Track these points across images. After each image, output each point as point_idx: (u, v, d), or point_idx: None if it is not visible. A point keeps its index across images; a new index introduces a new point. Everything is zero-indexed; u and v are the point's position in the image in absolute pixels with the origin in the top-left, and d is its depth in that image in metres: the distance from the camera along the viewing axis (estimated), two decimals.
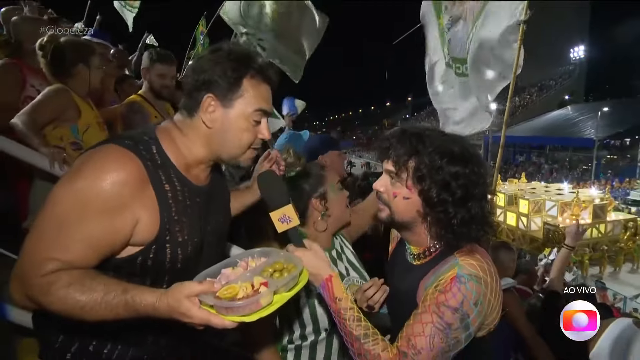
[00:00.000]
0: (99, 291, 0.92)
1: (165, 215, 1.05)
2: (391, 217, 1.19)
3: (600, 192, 20.20)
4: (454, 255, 1.12)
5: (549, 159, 41.59)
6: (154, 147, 1.08)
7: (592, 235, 16.27)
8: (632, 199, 24.66)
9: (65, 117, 2.21)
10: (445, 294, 1.05)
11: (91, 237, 0.96)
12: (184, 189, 1.10)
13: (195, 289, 0.89)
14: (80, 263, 0.96)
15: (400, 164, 1.13)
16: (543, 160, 41.66)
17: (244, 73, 1.09)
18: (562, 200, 17.00)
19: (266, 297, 0.93)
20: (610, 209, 17.74)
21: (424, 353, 1.02)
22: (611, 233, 16.75)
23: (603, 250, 15.91)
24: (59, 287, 0.92)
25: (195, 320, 0.89)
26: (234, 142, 1.12)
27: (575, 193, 18.02)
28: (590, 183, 26.89)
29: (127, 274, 1.05)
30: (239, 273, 1.00)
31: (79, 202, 0.95)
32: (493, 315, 1.11)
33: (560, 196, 18.21)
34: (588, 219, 16.35)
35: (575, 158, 39.14)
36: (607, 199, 18.27)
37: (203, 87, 1.08)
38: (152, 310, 0.91)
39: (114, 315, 0.92)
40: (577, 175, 34.21)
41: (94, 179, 0.96)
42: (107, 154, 1.01)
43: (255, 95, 1.11)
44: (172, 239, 1.07)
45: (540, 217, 16.71)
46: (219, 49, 1.11)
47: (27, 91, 2.56)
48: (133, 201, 0.99)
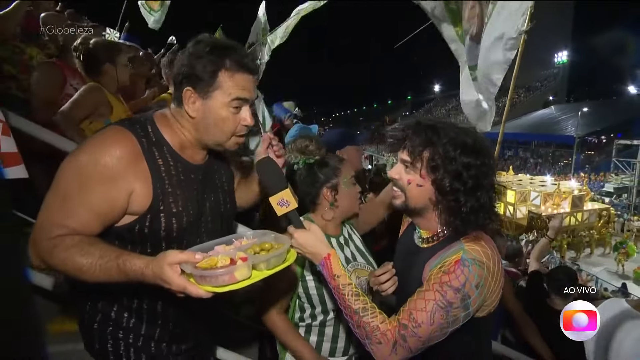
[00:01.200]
0: (95, 255, 0.92)
1: (158, 187, 1.04)
2: (405, 203, 1.14)
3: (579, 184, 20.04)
4: (459, 241, 1.08)
5: (534, 154, 41.08)
6: (149, 126, 1.07)
7: (571, 223, 16.21)
8: (606, 190, 24.46)
9: (100, 113, 2.21)
10: (449, 275, 1.02)
11: (90, 204, 0.97)
12: (177, 165, 1.09)
13: (177, 257, 0.86)
14: (83, 229, 0.97)
15: (416, 154, 1.08)
16: (529, 155, 41.18)
17: (220, 66, 1.04)
18: (545, 191, 16.95)
19: (241, 270, 0.88)
20: (587, 199, 17.64)
21: (424, 327, 0.99)
22: (587, 221, 16.70)
23: (580, 236, 15.84)
24: (61, 250, 0.93)
25: (173, 286, 0.86)
26: (217, 129, 1.09)
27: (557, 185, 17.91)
28: (570, 176, 26.56)
29: (129, 242, 1.06)
30: (229, 249, 0.96)
31: (79, 173, 0.97)
32: (493, 297, 1.07)
33: (544, 187, 18.15)
34: (567, 208, 16.28)
35: (557, 153, 38.64)
36: (585, 191, 18.15)
37: (184, 81, 1.05)
38: (140, 275, 0.89)
39: (108, 277, 0.92)
40: (559, 169, 33.82)
41: (93, 153, 0.98)
42: (106, 132, 1.02)
43: (232, 85, 1.05)
44: (166, 209, 1.05)
45: (525, 206, 16.65)
46: (199, 42, 1.07)
47: (67, 89, 2.54)
48: (127, 173, 0.99)
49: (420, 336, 1.00)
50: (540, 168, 35.02)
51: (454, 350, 1.11)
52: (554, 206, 16.24)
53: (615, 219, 17.99)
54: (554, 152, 39.08)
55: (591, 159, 36.67)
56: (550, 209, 16.12)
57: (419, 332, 0.99)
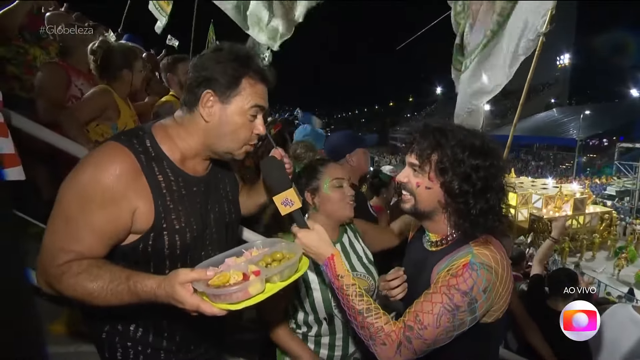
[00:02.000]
0: (105, 279, 0.91)
1: (160, 204, 1.01)
2: (415, 207, 1.12)
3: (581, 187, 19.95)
4: (469, 245, 1.07)
5: (536, 157, 40.98)
6: (147, 141, 1.04)
7: (573, 226, 16.13)
8: (608, 193, 24.38)
9: (107, 116, 2.21)
10: (457, 278, 1.00)
11: (94, 226, 0.95)
12: (178, 179, 1.06)
13: (188, 276, 0.84)
14: (89, 252, 0.95)
15: (424, 157, 1.08)
16: (530, 158, 41.06)
17: (243, 73, 1.05)
18: (546, 194, 16.88)
19: (255, 285, 0.86)
20: (589, 202, 17.55)
21: (430, 329, 0.98)
22: (589, 224, 16.61)
23: (582, 239, 15.76)
24: (70, 276, 0.92)
25: (187, 306, 0.84)
26: (231, 136, 1.07)
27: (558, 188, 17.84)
28: (572, 179, 26.48)
29: (133, 261, 1.04)
30: (240, 262, 0.94)
31: (80, 196, 0.94)
32: (500, 303, 1.06)
33: (545, 190, 18.09)
34: (569, 211, 16.20)
35: (559, 156, 38.54)
36: (587, 194, 18.06)
37: (203, 84, 1.04)
38: (153, 296, 0.88)
39: (119, 300, 0.90)
40: (561, 172, 33.72)
41: (91, 173, 0.95)
42: (104, 150, 0.99)
43: (252, 93, 1.06)
44: (168, 227, 1.03)
45: (526, 209, 16.58)
46: (221, 49, 1.07)
47: (71, 90, 2.54)
48: (128, 191, 0.97)
49: (425, 338, 0.98)
50: (542, 171, 34.91)
51: (457, 356, 1.09)
52: (555, 209, 16.17)
53: (618, 222, 17.89)
54: (556, 155, 38.99)
55: (593, 161, 36.57)
56: (551, 211, 16.06)
57: (425, 335, 0.98)
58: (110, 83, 2.25)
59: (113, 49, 2.25)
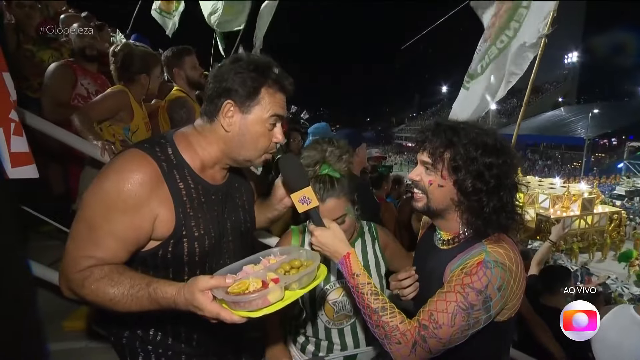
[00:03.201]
0: (126, 284, 0.92)
1: (180, 211, 1.03)
2: (427, 205, 1.12)
3: (589, 186, 19.71)
4: (482, 243, 1.06)
5: (543, 156, 40.59)
6: (169, 149, 1.06)
7: (580, 226, 15.96)
8: (617, 193, 24.03)
9: (120, 117, 2.23)
10: (471, 277, 1.00)
11: (117, 233, 0.96)
12: (197, 187, 1.08)
13: (208, 283, 0.85)
14: (111, 259, 0.96)
15: (436, 155, 1.07)
16: (537, 157, 40.68)
17: (262, 83, 1.06)
18: (554, 194, 16.68)
19: (274, 293, 0.86)
20: (598, 202, 17.34)
21: (445, 328, 0.97)
22: (597, 224, 16.41)
23: (591, 240, 15.57)
24: (92, 282, 0.93)
25: (206, 313, 0.85)
26: (251, 145, 1.09)
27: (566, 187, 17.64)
28: (580, 178, 26.18)
29: (152, 267, 1.05)
30: (258, 270, 0.94)
31: (103, 202, 0.96)
32: (514, 301, 1.05)
33: (553, 190, 17.87)
34: (577, 211, 16.03)
35: (566, 155, 38.13)
36: (595, 193, 17.85)
37: (223, 94, 1.05)
38: (172, 303, 0.88)
39: (139, 307, 0.91)
40: (568, 171, 33.36)
41: (115, 181, 0.96)
42: (126, 158, 1.01)
43: (271, 102, 1.07)
44: (188, 233, 1.05)
45: (533, 209, 16.41)
46: (240, 59, 1.08)
47: (77, 89, 2.59)
48: (150, 199, 0.98)
49: (440, 337, 0.98)
50: (549, 170, 34.55)
51: (472, 354, 1.09)
52: (563, 209, 16.00)
53: (627, 222, 17.65)
54: (563, 155, 38.59)
55: (602, 161, 36.14)
56: (559, 211, 15.90)
57: (440, 334, 0.98)
58: (127, 85, 2.28)
59: (133, 52, 2.28)
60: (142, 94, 2.36)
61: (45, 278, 1.90)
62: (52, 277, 1.90)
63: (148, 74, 2.32)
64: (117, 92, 2.22)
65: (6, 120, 1.36)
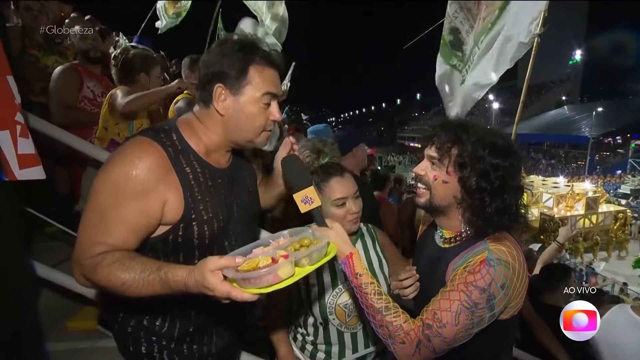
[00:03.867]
0: (137, 269, 0.92)
1: (189, 195, 1.04)
2: (430, 201, 1.13)
3: (594, 185, 19.59)
4: (484, 241, 1.06)
5: (546, 155, 40.38)
6: (174, 134, 1.07)
7: (585, 225, 15.86)
8: (622, 192, 23.83)
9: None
10: (474, 275, 1.00)
11: (127, 219, 0.97)
12: (204, 171, 1.09)
13: (218, 263, 0.85)
14: (122, 244, 0.97)
15: (444, 150, 1.08)
16: (541, 156, 40.47)
17: (249, 61, 1.05)
18: (557, 193, 16.60)
19: (284, 268, 0.86)
20: (602, 201, 17.22)
21: (449, 327, 0.97)
22: (602, 223, 16.29)
23: (595, 239, 15.46)
24: (104, 266, 0.94)
25: (217, 293, 0.85)
26: (248, 125, 1.09)
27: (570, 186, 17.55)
28: (584, 177, 26.01)
29: (163, 252, 1.06)
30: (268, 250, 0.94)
31: (112, 189, 0.97)
32: (517, 299, 1.05)
33: (556, 189, 17.79)
34: (581, 210, 15.93)
35: (570, 154, 37.89)
36: (600, 192, 17.73)
37: (213, 79, 1.05)
38: (183, 286, 0.89)
39: (151, 291, 0.92)
40: (572, 170, 33.17)
41: (123, 168, 0.97)
42: (133, 145, 1.02)
43: (262, 80, 1.07)
44: (197, 217, 1.06)
45: (537, 208, 16.33)
46: (225, 41, 1.08)
47: (84, 91, 2.62)
48: (158, 184, 0.99)
49: (445, 337, 0.98)
50: (553, 169, 34.39)
51: (475, 354, 1.09)
52: (567, 208, 15.91)
53: (633, 221, 17.53)
54: (567, 153, 38.37)
55: (606, 160, 35.90)
56: (563, 210, 15.81)
57: (444, 333, 0.97)
58: (129, 86, 2.33)
59: (132, 54, 2.35)
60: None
61: (49, 279, 1.92)
62: (56, 277, 1.92)
63: (147, 73, 2.37)
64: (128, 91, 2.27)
65: (12, 123, 1.39)
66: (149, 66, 2.39)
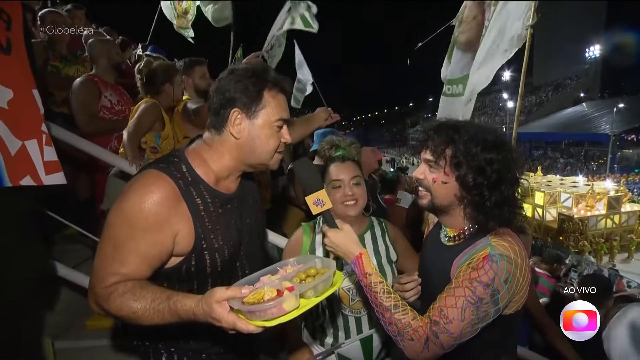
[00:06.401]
0: (148, 298, 0.96)
1: (199, 226, 1.07)
2: (432, 202, 1.16)
3: (615, 184, 18.96)
4: (486, 237, 1.10)
5: (564, 154, 39.35)
6: (184, 166, 1.10)
7: (607, 226, 15.37)
8: None
9: (154, 127, 2.40)
10: (477, 271, 1.03)
11: (140, 251, 1.01)
12: (214, 200, 1.12)
13: (224, 294, 0.87)
14: (134, 275, 1.01)
15: (438, 152, 1.12)
16: (558, 155, 39.48)
17: (263, 86, 1.10)
18: (577, 192, 16.14)
19: (289, 301, 0.87)
20: (626, 200, 16.65)
21: (455, 323, 1.00)
22: (626, 223, 15.73)
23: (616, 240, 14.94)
24: (116, 296, 0.98)
25: (224, 324, 0.87)
26: (262, 148, 1.13)
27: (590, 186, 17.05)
28: (605, 176, 25.20)
29: (177, 281, 1.10)
30: (275, 279, 0.96)
31: (126, 222, 1.01)
32: (520, 294, 1.08)
33: (575, 189, 17.29)
34: (603, 210, 15.45)
35: (590, 152, 36.81)
36: (623, 191, 17.15)
37: (228, 104, 1.09)
38: (192, 315, 0.92)
39: (161, 319, 0.95)
40: (593, 169, 32.21)
41: (136, 201, 1.01)
42: (145, 178, 1.05)
43: (275, 105, 1.12)
44: (208, 246, 1.09)
45: (555, 208, 15.92)
46: (235, 69, 1.13)
47: (102, 101, 2.74)
48: (170, 216, 1.02)
49: (452, 332, 1.00)
50: (571, 168, 33.46)
51: (481, 349, 1.11)
52: (587, 208, 15.46)
53: None
54: (587, 152, 37.29)
55: (629, 157, 34.71)
56: (583, 211, 15.38)
57: (451, 329, 1.00)
58: (155, 97, 2.45)
59: (155, 67, 2.48)
60: (168, 102, 2.53)
61: (69, 278, 2.02)
62: (76, 278, 2.03)
63: (171, 83, 2.48)
64: (151, 106, 2.38)
65: (39, 132, 1.51)
66: (172, 76, 2.49)
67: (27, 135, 1.50)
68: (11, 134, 1.46)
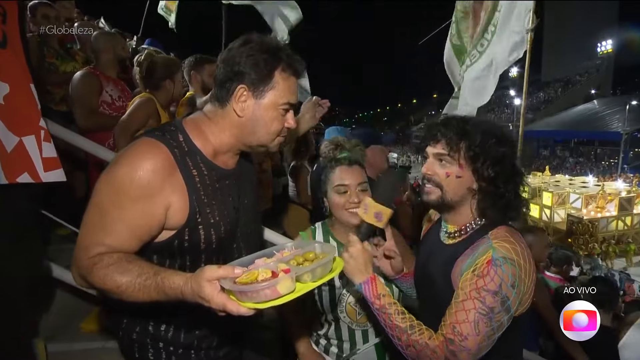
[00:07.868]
0: (134, 273, 0.92)
1: (195, 199, 1.03)
2: (442, 197, 1.16)
3: (627, 184, 18.93)
4: (487, 237, 1.10)
5: (574, 153, 39.33)
6: (180, 136, 1.06)
7: (618, 227, 15.34)
8: None
9: (148, 124, 2.38)
10: (483, 279, 1.03)
11: (128, 221, 0.97)
12: (211, 173, 1.09)
13: (216, 273, 0.84)
14: (121, 246, 0.98)
15: (452, 144, 1.13)
16: (567, 154, 39.45)
17: (275, 65, 1.05)
18: (586, 193, 16.10)
19: (284, 283, 0.84)
20: (638, 201, 16.61)
21: (470, 339, 0.99)
22: (638, 225, 15.68)
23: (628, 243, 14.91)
24: (100, 268, 0.94)
25: (213, 304, 0.84)
26: (264, 130, 1.09)
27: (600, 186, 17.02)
28: (617, 176, 25.17)
29: (168, 256, 1.07)
30: (270, 262, 0.93)
31: (115, 190, 0.97)
32: (527, 295, 1.08)
33: (585, 189, 17.26)
34: (614, 212, 15.42)
35: (600, 151, 36.78)
36: (635, 192, 17.12)
37: (235, 78, 1.04)
38: (180, 294, 0.88)
39: (147, 296, 0.91)
40: (603, 169, 32.16)
41: (127, 168, 0.98)
42: (139, 145, 1.02)
43: (285, 88, 1.08)
44: (203, 221, 1.05)
45: (564, 209, 15.89)
46: (250, 41, 1.07)
47: (103, 96, 2.75)
48: (163, 187, 0.99)
49: (469, 349, 1.00)
50: (581, 168, 33.43)
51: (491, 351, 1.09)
52: (597, 209, 15.44)
53: None
54: (597, 150, 37.25)
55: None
56: (593, 212, 15.36)
57: (468, 345, 1.00)
58: (153, 92, 2.44)
59: (156, 60, 2.44)
60: (167, 99, 2.51)
61: (63, 279, 2.03)
62: (69, 278, 2.04)
63: (172, 80, 2.46)
64: (145, 102, 2.36)
65: (37, 128, 1.52)
66: (173, 72, 2.48)
67: (24, 131, 1.51)
68: (7, 130, 1.47)
